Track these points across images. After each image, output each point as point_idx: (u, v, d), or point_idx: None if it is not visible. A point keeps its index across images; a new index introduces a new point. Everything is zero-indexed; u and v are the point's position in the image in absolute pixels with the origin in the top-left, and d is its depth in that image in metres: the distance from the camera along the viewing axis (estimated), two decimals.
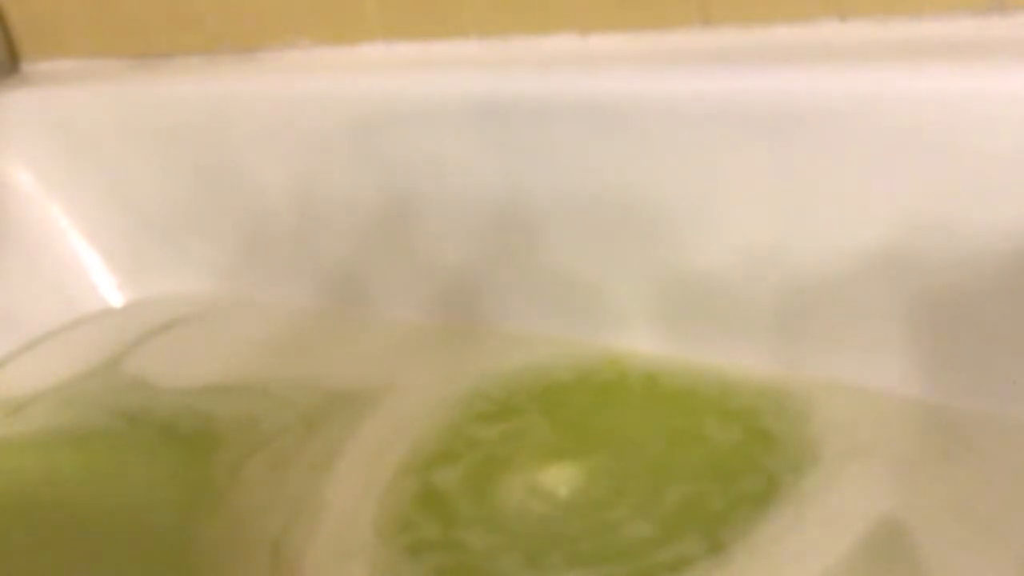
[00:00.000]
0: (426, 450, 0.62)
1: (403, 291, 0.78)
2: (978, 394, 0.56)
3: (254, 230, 0.84)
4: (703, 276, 0.63)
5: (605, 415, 0.63)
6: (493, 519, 0.55)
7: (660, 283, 0.65)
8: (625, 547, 0.52)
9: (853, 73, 0.55)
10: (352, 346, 0.76)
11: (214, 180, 0.84)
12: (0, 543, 0.61)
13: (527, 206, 0.68)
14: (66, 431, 0.72)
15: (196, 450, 0.66)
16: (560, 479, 0.58)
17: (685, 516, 0.53)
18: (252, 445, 0.65)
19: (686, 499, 0.54)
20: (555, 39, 0.69)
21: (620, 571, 0.50)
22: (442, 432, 0.63)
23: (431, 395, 0.67)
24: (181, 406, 0.72)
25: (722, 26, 0.63)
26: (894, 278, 0.56)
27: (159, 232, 0.90)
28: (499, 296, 0.73)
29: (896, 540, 0.48)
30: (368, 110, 0.72)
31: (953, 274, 0.54)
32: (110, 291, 0.91)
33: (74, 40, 0.95)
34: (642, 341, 0.67)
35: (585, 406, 0.64)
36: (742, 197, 0.60)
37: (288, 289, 0.84)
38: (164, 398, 0.74)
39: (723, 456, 0.57)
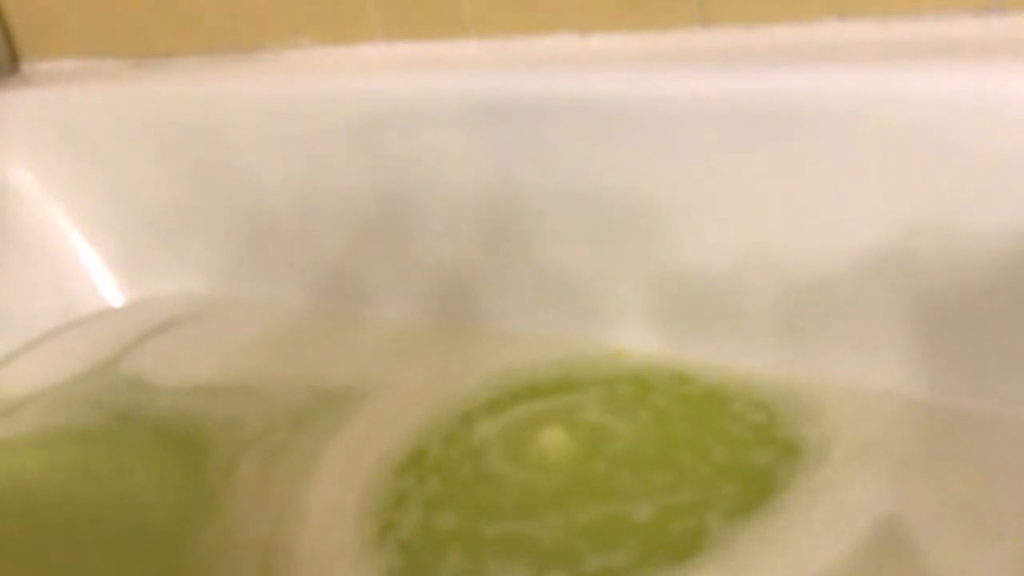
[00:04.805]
0: (417, 449, 0.62)
1: (402, 291, 0.78)
2: (978, 395, 0.56)
3: (253, 230, 0.84)
4: (702, 276, 0.63)
5: (602, 415, 0.63)
6: (485, 519, 0.55)
7: (659, 284, 0.65)
8: (625, 544, 0.52)
9: (853, 73, 0.55)
10: (349, 345, 0.76)
11: (214, 180, 0.84)
12: None
13: (526, 206, 0.68)
14: (63, 431, 0.72)
15: (191, 450, 0.66)
16: (554, 479, 0.58)
17: (689, 512, 0.53)
18: (246, 445, 0.65)
19: (690, 496, 0.54)
20: (555, 39, 0.70)
21: (620, 564, 0.50)
22: (433, 431, 0.63)
23: (424, 394, 0.67)
24: (178, 406, 0.72)
25: (722, 26, 0.63)
26: (894, 278, 0.56)
27: (159, 232, 0.90)
28: (498, 296, 0.73)
29: (897, 538, 0.48)
30: (368, 110, 0.72)
31: (954, 274, 0.54)
32: (110, 291, 0.92)
33: (74, 40, 0.95)
34: (641, 342, 0.67)
35: (582, 407, 0.64)
36: (741, 197, 0.60)
37: (287, 289, 0.84)
38: (162, 398, 0.74)
39: (725, 454, 0.57)
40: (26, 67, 1.00)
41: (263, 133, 0.79)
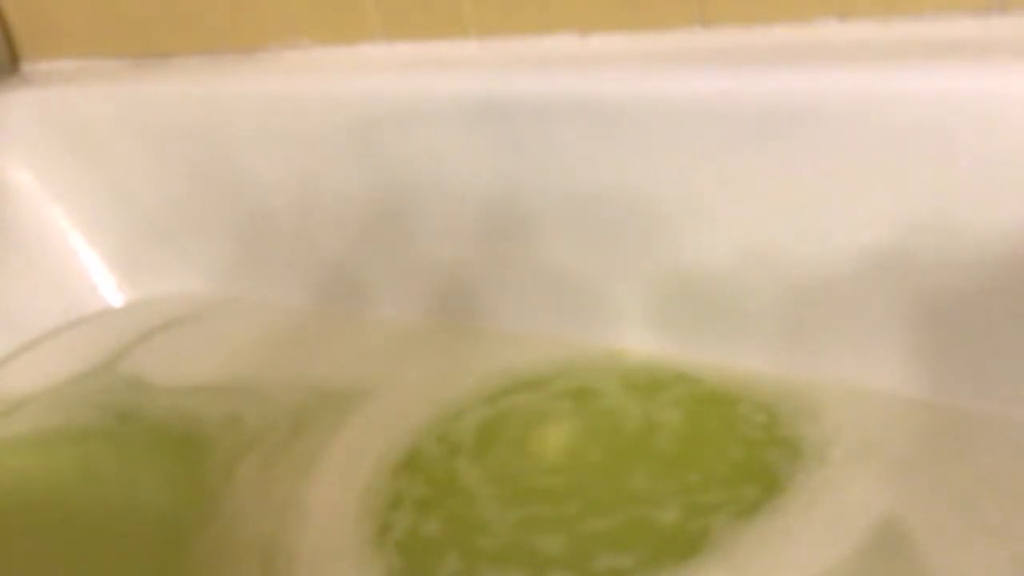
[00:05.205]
0: (416, 449, 0.62)
1: (402, 291, 0.78)
2: (979, 395, 0.56)
3: (253, 230, 0.84)
4: (702, 277, 0.63)
5: (602, 415, 0.63)
6: (485, 519, 0.55)
7: (659, 283, 0.65)
8: (626, 543, 0.52)
9: (853, 73, 0.55)
10: (348, 346, 0.76)
11: (214, 180, 0.84)
12: None
13: (526, 206, 0.68)
14: (63, 431, 0.72)
15: (191, 450, 0.66)
16: (552, 478, 0.58)
17: (692, 510, 0.53)
18: (246, 445, 0.65)
19: (693, 494, 0.54)
20: (555, 39, 0.69)
21: (622, 564, 0.50)
22: (433, 431, 0.63)
23: (424, 394, 0.67)
24: (178, 406, 0.72)
25: (722, 26, 0.63)
26: (895, 278, 0.56)
27: (159, 232, 0.90)
28: (498, 296, 0.73)
29: (898, 538, 0.48)
30: (368, 110, 0.72)
31: (954, 274, 0.54)
32: (110, 291, 0.91)
33: (74, 40, 0.95)
34: (641, 341, 0.67)
35: (582, 406, 0.64)
36: (742, 197, 0.60)
37: (286, 289, 0.84)
38: (162, 398, 0.74)
39: (726, 455, 0.57)
40: (26, 67, 1.00)
41: (263, 133, 0.79)
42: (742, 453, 0.57)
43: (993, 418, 0.55)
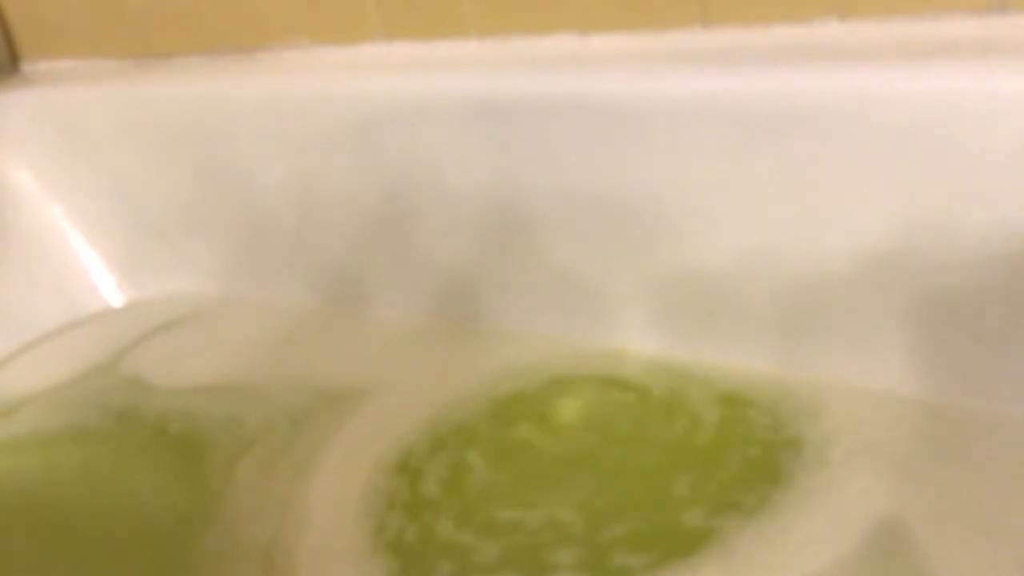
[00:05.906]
0: (416, 449, 0.62)
1: (402, 291, 0.78)
2: (979, 395, 0.56)
3: (253, 230, 0.84)
4: (703, 276, 0.63)
5: (602, 415, 0.63)
6: (486, 519, 0.55)
7: (660, 283, 0.65)
8: (622, 541, 0.52)
9: (853, 73, 0.55)
10: (348, 346, 0.76)
11: (214, 180, 0.84)
12: None
13: (526, 206, 0.68)
14: (63, 431, 0.72)
15: (191, 451, 0.66)
16: (552, 479, 0.58)
17: (691, 510, 0.53)
18: (245, 446, 0.65)
19: (692, 494, 0.54)
20: (555, 39, 0.70)
21: (621, 561, 0.50)
22: (433, 431, 0.63)
23: (424, 394, 0.67)
24: (177, 406, 0.72)
25: (722, 26, 0.63)
26: (894, 278, 0.56)
27: (159, 232, 0.90)
28: (496, 296, 0.73)
29: (897, 538, 0.48)
30: (368, 110, 0.72)
31: (953, 274, 0.54)
32: (110, 291, 0.92)
33: (74, 40, 0.95)
34: (641, 341, 0.67)
35: (582, 406, 0.64)
36: (742, 197, 0.60)
37: (287, 289, 0.84)
38: (162, 398, 0.74)
39: (724, 454, 0.57)
40: (26, 67, 1.00)
41: (263, 133, 0.79)
42: (739, 453, 0.57)
43: (993, 418, 0.55)
